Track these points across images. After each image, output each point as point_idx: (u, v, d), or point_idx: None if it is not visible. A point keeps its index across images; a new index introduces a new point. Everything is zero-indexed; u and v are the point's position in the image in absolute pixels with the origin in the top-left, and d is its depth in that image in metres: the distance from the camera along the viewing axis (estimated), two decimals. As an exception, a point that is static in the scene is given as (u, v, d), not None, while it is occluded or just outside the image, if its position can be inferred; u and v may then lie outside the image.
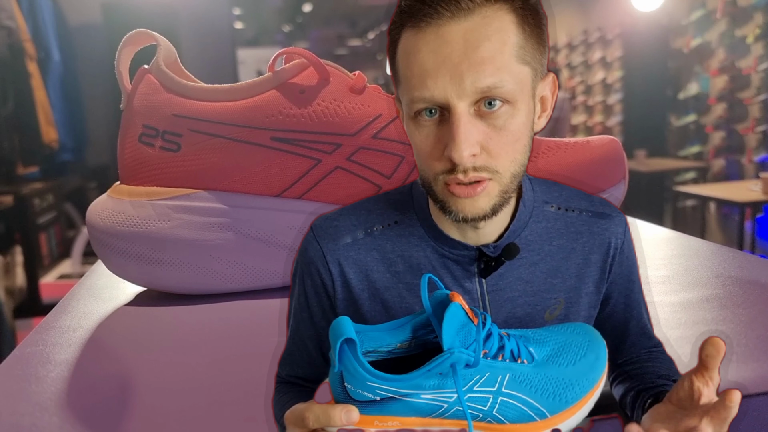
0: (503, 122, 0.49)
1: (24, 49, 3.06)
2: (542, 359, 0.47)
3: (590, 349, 0.48)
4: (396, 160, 1.09)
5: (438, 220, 0.57)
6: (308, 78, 1.10)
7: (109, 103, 3.29)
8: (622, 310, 0.64)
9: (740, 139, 5.01)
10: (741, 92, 4.94)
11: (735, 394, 0.46)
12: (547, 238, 0.58)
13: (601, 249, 0.59)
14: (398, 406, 0.44)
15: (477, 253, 0.56)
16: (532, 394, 0.45)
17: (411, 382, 0.43)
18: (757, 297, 1.03)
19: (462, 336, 0.43)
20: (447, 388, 0.43)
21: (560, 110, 5.49)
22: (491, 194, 0.51)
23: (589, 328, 0.51)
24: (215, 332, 1.01)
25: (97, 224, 1.11)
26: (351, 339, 0.42)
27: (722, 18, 5.02)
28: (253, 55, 6.79)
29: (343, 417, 0.43)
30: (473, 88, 0.47)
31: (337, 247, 0.57)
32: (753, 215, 3.73)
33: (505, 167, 0.50)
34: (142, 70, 1.13)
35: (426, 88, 0.47)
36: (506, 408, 0.45)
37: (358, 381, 0.43)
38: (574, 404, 0.46)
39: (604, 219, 0.60)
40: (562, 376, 0.46)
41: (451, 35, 0.46)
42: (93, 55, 3.43)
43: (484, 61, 0.46)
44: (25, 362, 0.90)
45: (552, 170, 1.10)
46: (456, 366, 0.43)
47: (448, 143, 0.48)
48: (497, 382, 0.44)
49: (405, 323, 0.47)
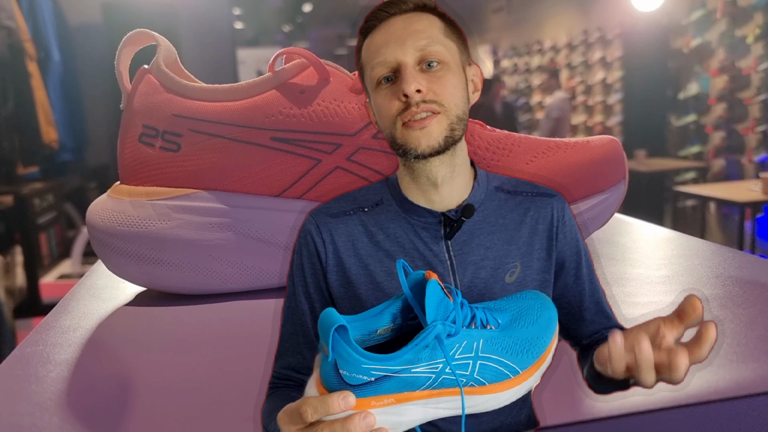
0: (441, 74, 0.63)
1: (24, 49, 3.05)
2: (506, 324, 0.53)
3: (543, 308, 0.55)
4: (396, 160, 1.09)
5: (407, 193, 0.68)
6: (308, 78, 1.10)
7: (109, 103, 3.29)
8: (572, 281, 0.71)
9: (740, 139, 5.01)
10: (741, 92, 4.94)
11: (712, 330, 0.55)
12: (500, 213, 0.69)
13: (546, 220, 0.70)
14: (392, 383, 0.46)
15: (442, 218, 0.66)
16: (504, 354, 0.51)
17: (402, 359, 0.46)
18: (757, 297, 1.03)
19: (442, 310, 0.48)
20: (435, 359, 0.47)
21: (560, 110, 5.50)
22: (442, 125, 0.62)
23: (538, 293, 0.58)
24: (215, 332, 1.01)
25: (97, 224, 1.11)
26: (342, 326, 0.45)
27: (722, 18, 5.02)
28: (253, 55, 6.79)
29: (341, 403, 0.45)
30: (413, 47, 0.62)
31: (329, 221, 0.69)
32: (753, 215, 3.73)
33: (450, 105, 0.63)
34: (142, 70, 1.13)
35: (380, 54, 0.63)
36: (485, 370, 0.50)
37: (352, 365, 0.45)
38: (539, 358, 0.52)
39: (546, 197, 0.71)
40: (525, 335, 0.52)
41: (394, 22, 0.64)
42: (93, 55, 3.42)
43: (418, 30, 0.63)
44: (25, 362, 0.90)
45: (552, 170, 1.10)
46: (440, 336, 0.47)
47: (401, 87, 0.61)
48: (474, 348, 0.49)
49: (382, 310, 0.51)
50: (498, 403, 0.51)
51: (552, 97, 5.83)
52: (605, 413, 0.72)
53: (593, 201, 1.14)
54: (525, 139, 1.15)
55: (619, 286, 1.12)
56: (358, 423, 0.45)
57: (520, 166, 1.10)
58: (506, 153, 1.11)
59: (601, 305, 0.73)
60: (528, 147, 1.13)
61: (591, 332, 0.72)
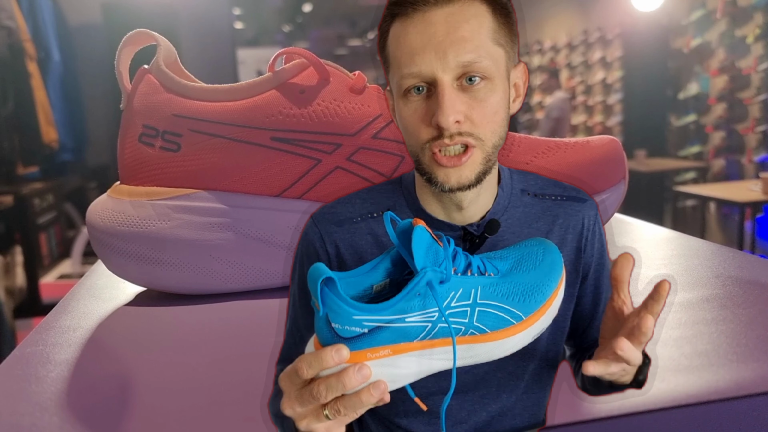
0: (483, 95, 0.55)
1: (24, 49, 3.05)
2: (506, 270, 0.50)
3: (546, 253, 0.52)
4: (396, 160, 1.09)
5: (425, 204, 0.62)
6: (308, 78, 1.10)
7: (109, 103, 3.29)
8: (591, 291, 0.68)
9: (740, 139, 5.01)
10: (741, 92, 4.94)
11: (664, 285, 0.52)
12: (526, 222, 0.63)
13: (576, 229, 0.64)
14: (386, 334, 0.45)
15: (462, 233, 0.61)
16: (505, 300, 0.48)
17: (394, 308, 0.45)
18: (757, 297, 1.03)
19: (431, 255, 0.46)
20: (429, 308, 0.46)
21: (560, 110, 5.50)
22: (476, 161, 0.56)
23: (540, 239, 0.55)
24: (215, 332, 1.01)
25: (97, 224, 1.11)
26: (329, 278, 0.44)
27: (722, 18, 5.02)
28: (253, 55, 6.79)
29: (334, 356, 0.44)
30: (455, 62, 0.53)
31: (334, 230, 0.62)
32: (753, 215, 3.73)
33: (487, 136, 0.56)
34: (142, 70, 1.13)
35: (414, 64, 0.54)
36: (485, 317, 0.48)
37: (343, 317, 0.44)
38: (544, 303, 0.50)
39: (577, 202, 0.65)
40: (528, 281, 0.50)
41: (435, 18, 0.53)
42: (93, 55, 3.43)
43: (464, 39, 0.53)
44: (25, 362, 0.90)
45: (552, 170, 1.10)
46: (432, 283, 0.45)
47: (435, 112, 0.53)
48: (471, 295, 0.47)
49: (377, 264, 0.49)
50: (503, 351, 0.49)
51: (552, 97, 5.83)
52: (605, 413, 0.71)
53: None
54: (525, 139, 1.15)
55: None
56: (353, 375, 0.44)
57: (520, 166, 1.10)
58: (506, 153, 1.12)
59: None
60: (528, 147, 1.13)
61: (593, 338, 0.70)
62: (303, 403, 0.46)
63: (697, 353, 0.84)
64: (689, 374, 0.79)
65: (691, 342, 0.88)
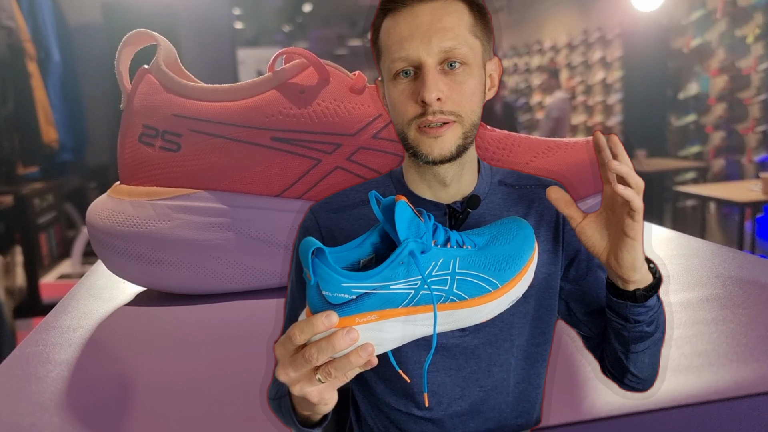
0: (462, 79, 0.62)
1: (24, 49, 3.05)
2: (483, 244, 0.55)
3: (519, 229, 0.57)
4: (396, 160, 1.09)
5: (413, 186, 0.69)
6: (308, 78, 1.10)
7: (109, 103, 3.29)
8: (585, 270, 0.72)
9: (740, 139, 5.01)
10: (741, 92, 4.94)
11: (597, 134, 0.59)
12: (505, 207, 0.70)
13: (551, 210, 0.70)
14: (373, 300, 0.49)
15: (447, 210, 0.67)
16: (482, 269, 0.53)
17: (380, 275, 0.49)
18: (757, 297, 1.03)
19: (413, 229, 0.50)
20: (412, 276, 0.50)
21: (560, 110, 5.50)
22: (456, 135, 0.63)
23: (514, 217, 0.60)
24: (215, 332, 1.01)
25: (97, 224, 1.11)
26: (320, 248, 0.47)
27: (722, 18, 5.02)
28: (253, 55, 6.78)
29: (324, 321, 0.47)
30: (438, 47, 0.61)
31: (329, 216, 0.69)
32: (753, 215, 3.73)
33: (467, 113, 0.63)
34: (142, 70, 1.13)
35: (403, 49, 0.61)
36: (464, 285, 0.52)
37: (333, 285, 0.48)
38: (518, 272, 0.54)
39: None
40: (503, 252, 0.55)
41: (421, 11, 0.62)
42: (93, 55, 3.42)
43: (446, 28, 0.61)
44: (25, 362, 0.90)
45: (552, 170, 1.10)
46: (414, 252, 0.49)
47: (420, 91, 0.61)
48: (450, 265, 0.52)
49: (364, 239, 0.53)
50: (481, 317, 0.54)
51: (552, 97, 5.83)
52: (605, 413, 0.72)
53: (593, 201, 1.14)
54: (525, 139, 1.15)
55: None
56: (342, 338, 0.47)
57: (520, 166, 1.10)
58: (506, 153, 1.12)
59: None
60: (528, 147, 1.13)
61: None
62: (296, 367, 0.49)
63: (697, 353, 0.84)
64: (689, 374, 0.79)
65: (691, 342, 0.88)
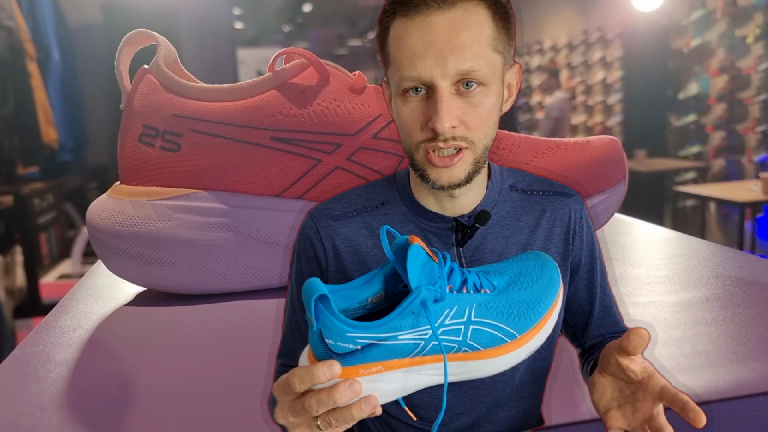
0: (478, 101, 0.56)
1: (24, 49, 3.05)
2: (502, 287, 0.50)
3: (544, 269, 0.52)
4: (396, 160, 1.09)
5: (418, 196, 0.64)
6: (308, 78, 1.10)
7: (109, 103, 3.29)
8: (585, 284, 0.69)
9: (740, 139, 5.01)
10: (741, 92, 4.94)
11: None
12: (515, 215, 0.65)
13: (563, 222, 0.66)
14: (379, 351, 0.46)
15: (454, 224, 0.63)
16: (499, 318, 0.48)
17: (387, 326, 0.45)
18: (757, 297, 1.03)
19: (426, 274, 0.46)
20: (421, 326, 0.46)
21: (560, 110, 5.49)
22: (467, 162, 0.58)
23: (538, 253, 0.55)
24: (215, 332, 1.01)
25: (97, 224, 1.11)
26: (324, 295, 0.44)
27: (722, 18, 5.02)
28: (253, 55, 6.78)
29: (326, 372, 0.45)
30: (454, 69, 0.54)
31: (330, 224, 0.65)
32: (753, 215, 3.73)
33: (479, 139, 0.58)
34: (142, 70, 1.13)
35: (415, 68, 0.55)
36: (479, 335, 0.48)
37: (336, 334, 0.45)
38: (539, 321, 0.50)
39: (563, 197, 0.67)
40: (523, 298, 0.50)
41: (437, 23, 0.54)
42: (93, 55, 3.42)
43: (464, 47, 0.54)
44: (25, 362, 0.90)
45: (552, 170, 1.10)
46: (426, 302, 0.46)
47: (431, 116, 0.55)
48: (466, 313, 0.47)
49: (373, 276, 0.49)
50: (494, 369, 0.50)
51: (552, 97, 5.83)
52: (605, 413, 0.71)
53: (593, 201, 1.14)
54: (525, 139, 1.15)
55: (619, 286, 1.12)
56: (344, 391, 0.45)
57: (520, 166, 1.10)
58: (506, 153, 1.12)
59: (610, 310, 0.71)
60: (528, 147, 1.13)
61: (595, 335, 0.71)
62: (295, 414, 0.47)
63: (697, 353, 0.84)
64: (689, 374, 0.79)
65: (691, 342, 0.88)
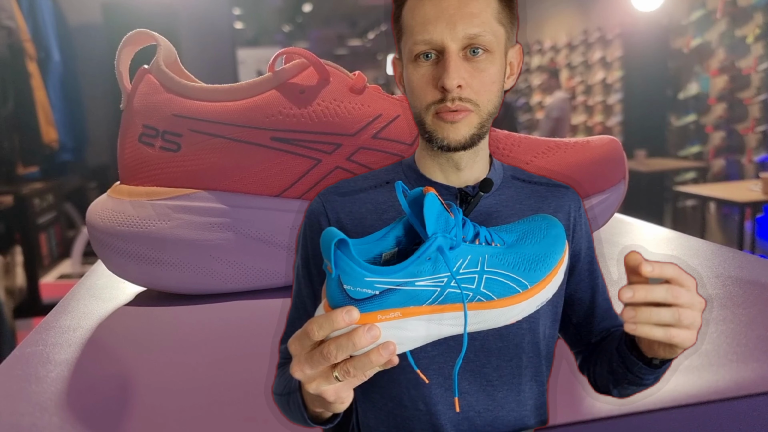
0: (484, 66, 0.61)
1: (24, 49, 3.05)
2: (512, 242, 0.53)
3: (550, 227, 0.55)
4: (396, 161, 1.09)
5: (425, 170, 0.68)
6: (308, 78, 1.10)
7: (109, 103, 3.29)
8: (587, 275, 0.71)
9: (740, 139, 5.01)
10: (741, 92, 4.94)
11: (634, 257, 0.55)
12: (518, 199, 0.69)
13: (563, 211, 0.69)
14: (397, 297, 0.46)
15: (458, 194, 0.66)
16: (511, 269, 0.50)
17: (405, 271, 0.46)
18: (757, 297, 1.03)
19: (442, 223, 0.47)
20: (439, 273, 0.47)
21: (560, 110, 5.50)
22: (471, 124, 0.62)
23: (544, 215, 0.58)
24: (215, 332, 1.01)
25: (97, 224, 1.11)
26: (343, 240, 0.45)
27: (722, 18, 5.02)
28: (253, 55, 6.79)
29: (345, 317, 0.45)
30: (463, 33, 0.60)
31: (336, 200, 0.68)
32: (753, 215, 3.73)
33: (484, 103, 0.62)
34: (142, 70, 1.13)
35: (427, 32, 0.60)
36: (492, 284, 0.49)
37: (355, 279, 0.45)
38: (549, 273, 0.52)
39: (562, 189, 0.71)
40: (533, 252, 0.52)
41: None
42: (93, 55, 3.42)
43: (473, 14, 0.60)
44: (25, 362, 0.90)
45: (552, 170, 1.10)
46: (443, 248, 0.47)
47: (441, 76, 0.60)
48: (479, 263, 0.49)
49: (387, 232, 0.50)
50: (507, 318, 0.51)
51: (552, 97, 5.83)
52: (605, 413, 0.72)
53: (593, 201, 1.14)
54: (525, 139, 1.15)
55: (619, 286, 1.11)
56: (363, 335, 0.45)
57: (520, 166, 1.10)
58: (506, 153, 1.12)
59: (610, 303, 0.73)
60: (528, 147, 1.13)
61: (600, 330, 0.72)
62: (313, 364, 0.46)
63: (697, 353, 0.84)
64: (689, 374, 0.79)
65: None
